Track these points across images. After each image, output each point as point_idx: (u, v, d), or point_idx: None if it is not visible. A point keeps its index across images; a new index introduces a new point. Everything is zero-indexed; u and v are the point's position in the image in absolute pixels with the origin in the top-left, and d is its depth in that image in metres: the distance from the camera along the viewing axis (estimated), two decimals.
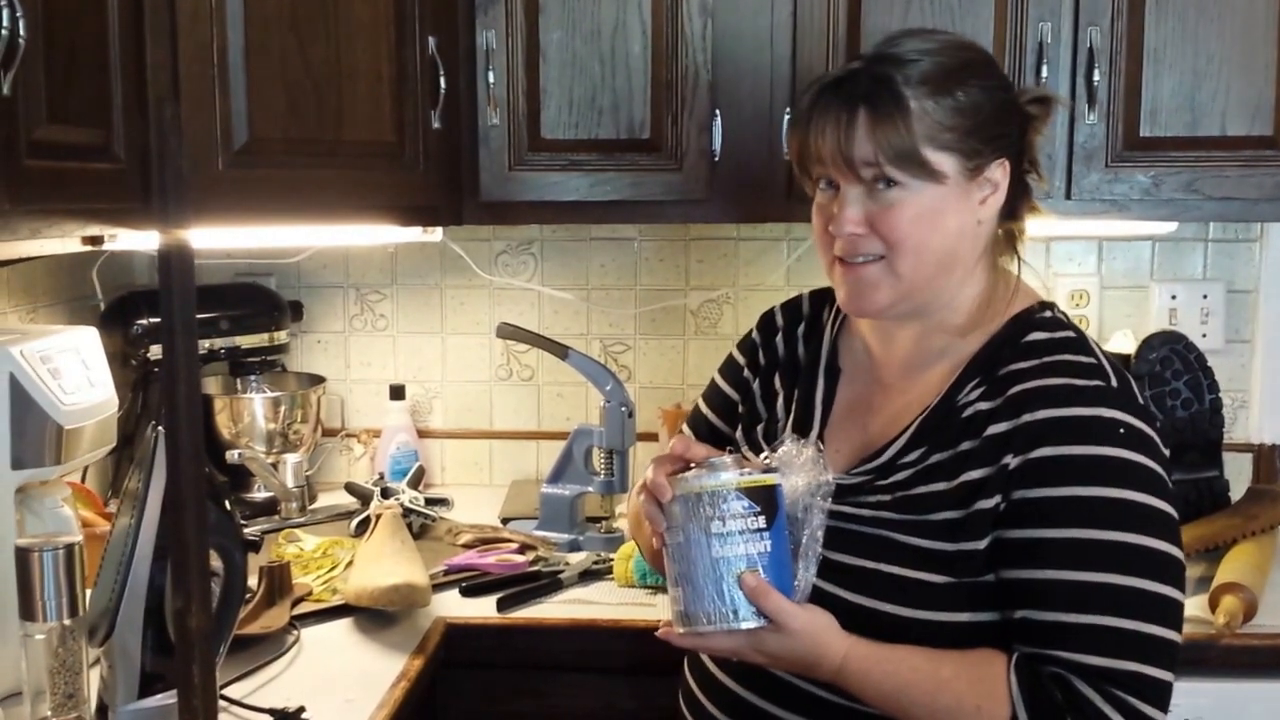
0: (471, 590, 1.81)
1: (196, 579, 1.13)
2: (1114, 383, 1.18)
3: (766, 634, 1.12)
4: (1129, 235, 2.23)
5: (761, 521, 1.12)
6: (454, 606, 1.76)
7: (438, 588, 1.81)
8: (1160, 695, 1.12)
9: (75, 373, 1.50)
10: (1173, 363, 1.97)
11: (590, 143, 1.90)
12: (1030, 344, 1.22)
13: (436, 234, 2.10)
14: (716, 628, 1.12)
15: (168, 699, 1.30)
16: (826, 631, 1.14)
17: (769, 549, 1.12)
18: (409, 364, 2.41)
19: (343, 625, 1.70)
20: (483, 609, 1.75)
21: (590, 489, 2.04)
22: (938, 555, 1.16)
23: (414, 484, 2.19)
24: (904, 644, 1.16)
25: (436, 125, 1.80)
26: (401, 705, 1.45)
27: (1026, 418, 1.15)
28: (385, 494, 2.12)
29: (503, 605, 1.75)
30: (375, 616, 1.69)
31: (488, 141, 1.90)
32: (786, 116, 1.88)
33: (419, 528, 2.08)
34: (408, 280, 2.39)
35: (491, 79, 1.88)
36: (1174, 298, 2.25)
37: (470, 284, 2.37)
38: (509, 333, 2.13)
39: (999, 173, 1.22)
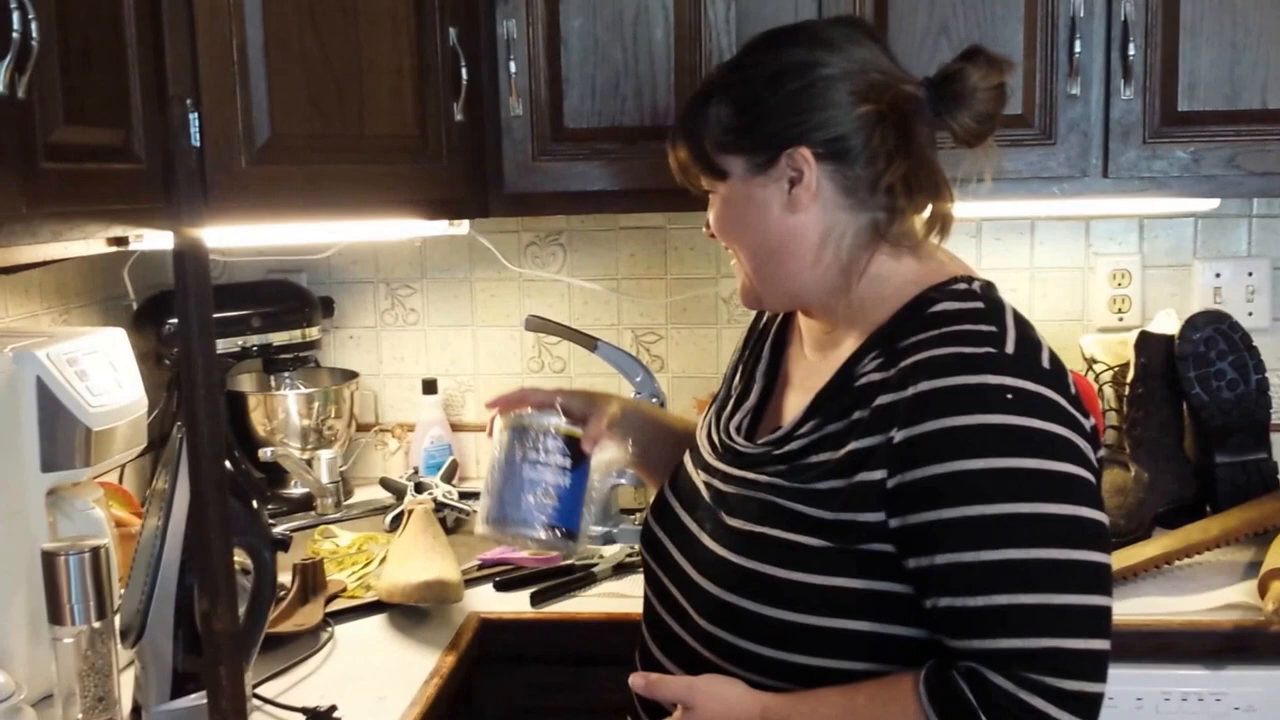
0: (505, 585, 1.81)
1: (222, 580, 1.13)
2: (1009, 349, 1.13)
3: (685, 716, 1.17)
4: (1170, 213, 2.18)
5: (568, 462, 1.34)
6: (488, 601, 1.76)
7: (471, 582, 1.80)
8: (1085, 666, 1.07)
9: (103, 374, 1.50)
10: (1217, 343, 1.92)
11: (614, 130, 1.87)
12: (935, 314, 1.18)
13: (463, 227, 2.09)
14: (516, 532, 1.34)
15: (201, 699, 1.30)
16: (734, 691, 1.17)
17: (567, 485, 1.33)
18: (440, 358, 2.40)
19: (376, 622, 1.70)
20: (516, 603, 1.75)
21: (623, 481, 2.02)
22: (819, 521, 1.15)
23: (448, 478, 2.19)
24: (790, 610, 1.16)
25: (459, 117, 1.79)
26: (434, 702, 1.45)
27: (911, 390, 1.11)
28: (419, 488, 2.12)
29: (536, 599, 1.74)
30: (408, 612, 1.70)
31: (511, 132, 1.89)
32: None
33: (453, 522, 2.08)
34: (437, 274, 2.39)
35: (513, 69, 1.86)
36: (1218, 276, 2.20)
37: (499, 276, 2.36)
38: (537, 325, 2.12)
39: (799, 159, 1.20)
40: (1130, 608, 1.65)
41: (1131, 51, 1.77)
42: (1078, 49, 1.78)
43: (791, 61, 1.22)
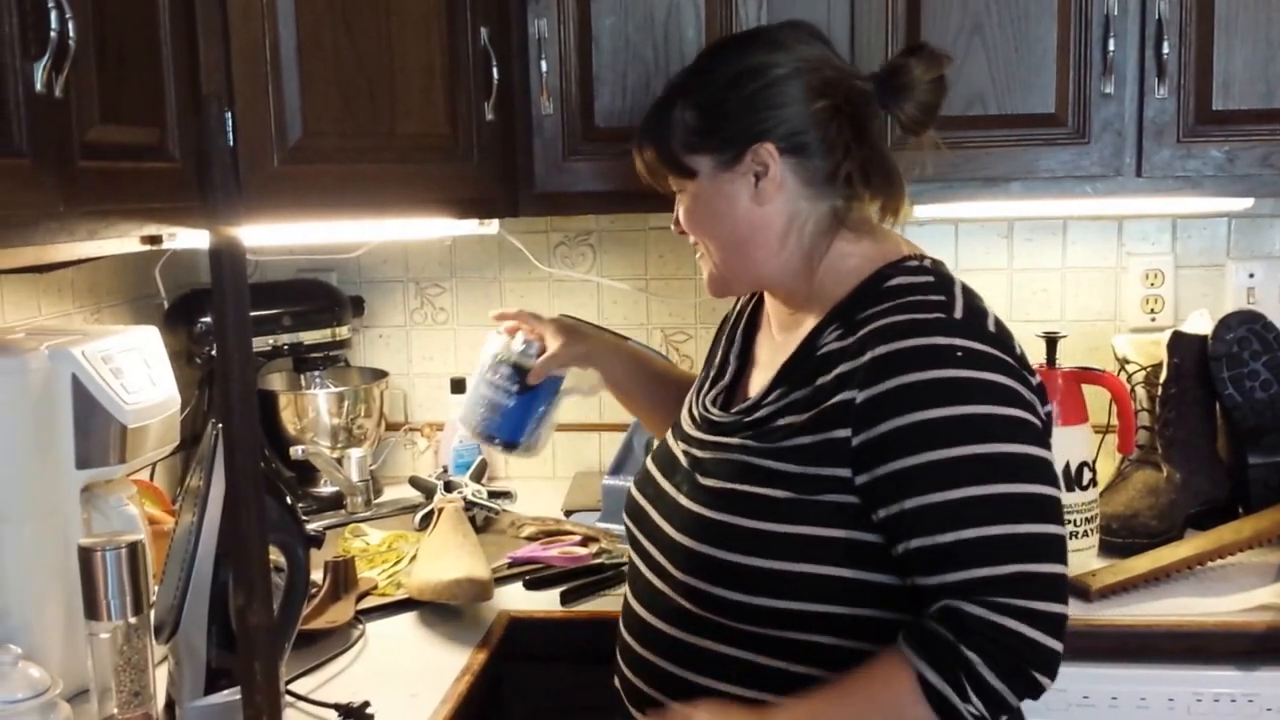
0: (535, 583, 1.81)
1: (257, 575, 1.14)
2: (957, 315, 1.21)
3: None
4: (1204, 212, 2.16)
5: (515, 387, 1.63)
6: (517, 599, 1.76)
7: (501, 581, 1.81)
8: (1049, 588, 1.14)
9: (137, 372, 1.51)
10: (1251, 343, 1.90)
11: None
12: (889, 288, 1.26)
13: (493, 226, 2.10)
14: (469, 432, 1.67)
15: (234, 695, 1.30)
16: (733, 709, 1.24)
17: (510, 405, 1.63)
18: (470, 357, 2.39)
19: (407, 619, 1.71)
20: (546, 602, 1.75)
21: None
22: (787, 475, 1.22)
23: (477, 477, 2.19)
24: (759, 557, 1.22)
25: (490, 116, 1.79)
26: (465, 699, 1.46)
27: (869, 355, 1.19)
28: (448, 487, 2.12)
29: (566, 598, 1.75)
30: (439, 610, 1.70)
31: (541, 131, 1.89)
32: None
33: (482, 521, 2.08)
34: (466, 273, 2.39)
35: (544, 68, 1.87)
36: (1252, 276, 2.18)
37: (529, 276, 2.36)
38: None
39: (764, 154, 1.28)
40: (1162, 608, 1.64)
41: (1166, 50, 1.76)
42: (1111, 47, 1.76)
43: (750, 64, 1.30)
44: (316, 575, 1.62)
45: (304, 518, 2.02)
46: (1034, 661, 1.13)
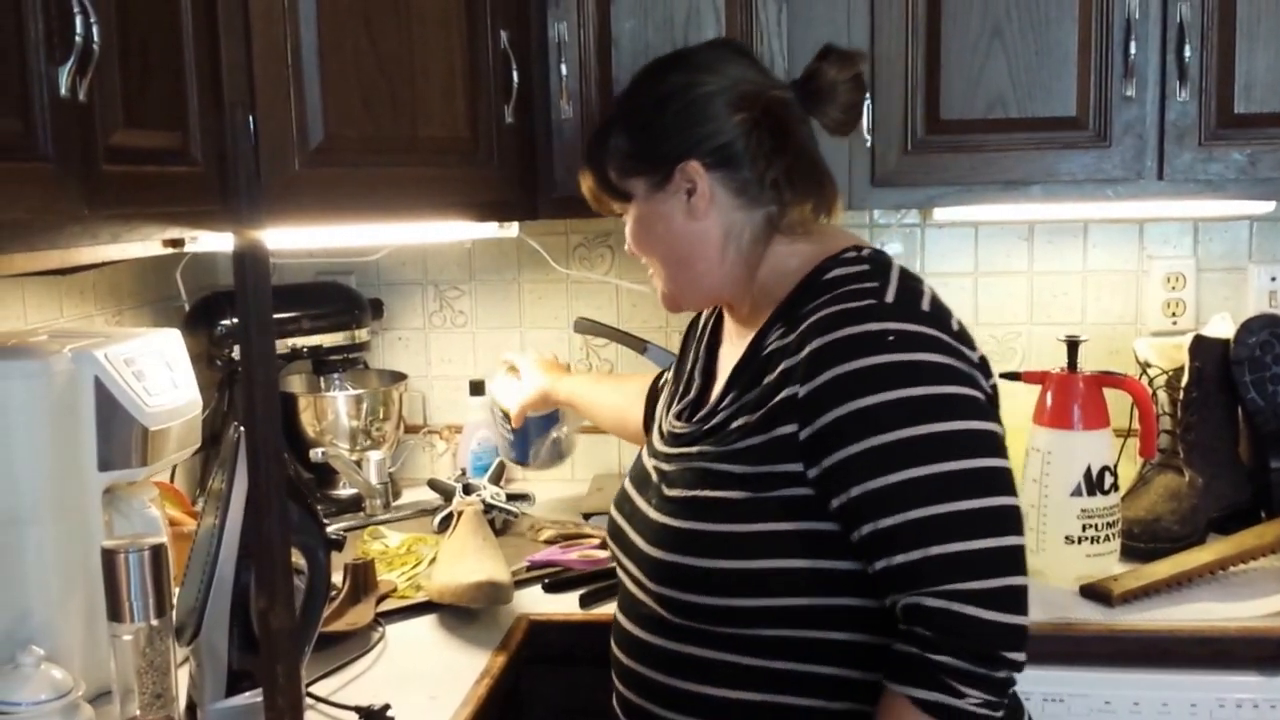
0: (554, 586, 1.81)
1: (280, 578, 1.14)
2: (889, 299, 1.23)
3: None
4: (1225, 215, 2.15)
5: (507, 425, 2.05)
6: (537, 602, 1.76)
7: (520, 584, 1.81)
8: (1001, 563, 1.15)
9: (159, 375, 1.52)
10: (1273, 347, 1.89)
11: None
12: (827, 281, 1.29)
13: (512, 229, 2.10)
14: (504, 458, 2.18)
15: (255, 697, 1.31)
16: None
17: (511, 438, 2.07)
18: (489, 359, 2.41)
19: (426, 622, 1.71)
20: (565, 605, 1.75)
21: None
22: (742, 476, 1.25)
23: (496, 480, 2.19)
24: (724, 559, 1.24)
25: (510, 120, 1.79)
26: (485, 701, 1.46)
27: (807, 349, 1.21)
28: (467, 490, 2.12)
29: (585, 601, 1.74)
30: (459, 613, 1.70)
31: (561, 134, 1.89)
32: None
33: (501, 524, 2.08)
34: (485, 276, 2.40)
35: (564, 71, 1.87)
36: (1274, 279, 2.18)
37: (547, 278, 2.37)
38: (586, 327, 2.12)
39: (690, 172, 1.32)
40: (1184, 613, 1.63)
41: (1187, 53, 1.75)
42: (1133, 51, 1.76)
43: (673, 86, 1.34)
44: (336, 578, 1.62)
45: (324, 520, 2.04)
46: (999, 642, 1.14)
